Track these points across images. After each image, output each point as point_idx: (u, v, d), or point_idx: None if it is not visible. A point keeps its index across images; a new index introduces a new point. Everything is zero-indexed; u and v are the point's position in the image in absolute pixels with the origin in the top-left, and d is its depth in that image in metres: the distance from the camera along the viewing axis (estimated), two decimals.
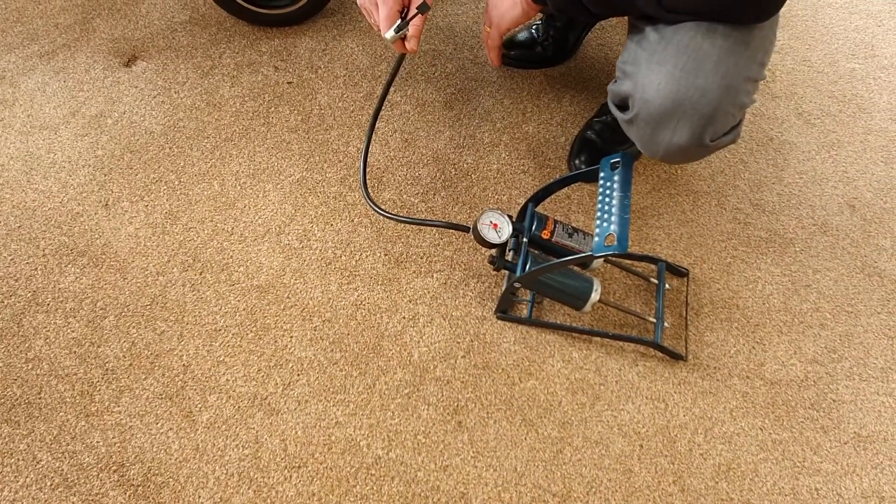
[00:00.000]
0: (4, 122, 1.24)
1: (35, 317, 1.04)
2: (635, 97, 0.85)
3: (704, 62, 0.78)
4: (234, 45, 1.37)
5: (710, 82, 0.78)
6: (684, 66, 0.78)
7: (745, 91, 0.83)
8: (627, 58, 0.87)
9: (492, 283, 1.10)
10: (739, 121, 0.90)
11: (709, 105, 0.79)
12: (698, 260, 1.14)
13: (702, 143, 0.84)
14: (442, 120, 1.29)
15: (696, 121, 0.80)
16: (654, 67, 0.81)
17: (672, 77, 0.79)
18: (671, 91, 0.79)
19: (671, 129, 0.82)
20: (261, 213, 1.16)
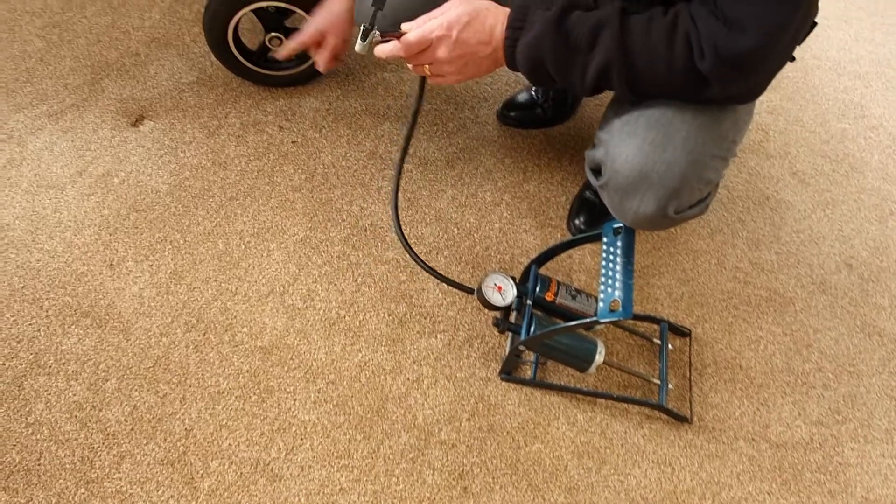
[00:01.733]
0: (11, 182, 1.25)
1: (36, 379, 1.03)
2: (606, 165, 0.87)
3: (673, 137, 0.80)
4: (240, 105, 1.40)
5: (677, 157, 0.80)
6: (653, 139, 0.80)
7: (713, 168, 0.85)
8: (604, 125, 0.90)
9: (495, 344, 1.11)
10: (708, 194, 0.92)
11: (674, 179, 0.81)
12: (700, 319, 1.15)
13: (666, 215, 0.85)
14: (444, 179, 1.31)
15: (661, 193, 0.82)
16: (625, 138, 0.83)
17: (640, 150, 0.81)
18: (639, 163, 0.81)
19: (638, 199, 0.84)
20: (265, 272, 1.17)
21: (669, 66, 0.72)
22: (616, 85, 0.75)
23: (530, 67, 0.78)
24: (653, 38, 0.71)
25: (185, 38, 1.51)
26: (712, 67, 0.69)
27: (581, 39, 0.74)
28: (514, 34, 0.77)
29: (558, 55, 0.75)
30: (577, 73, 0.76)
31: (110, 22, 1.52)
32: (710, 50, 0.68)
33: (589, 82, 0.76)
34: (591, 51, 0.73)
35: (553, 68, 0.76)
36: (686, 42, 0.70)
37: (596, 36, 0.73)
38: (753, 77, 0.73)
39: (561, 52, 0.74)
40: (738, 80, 0.72)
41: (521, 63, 0.78)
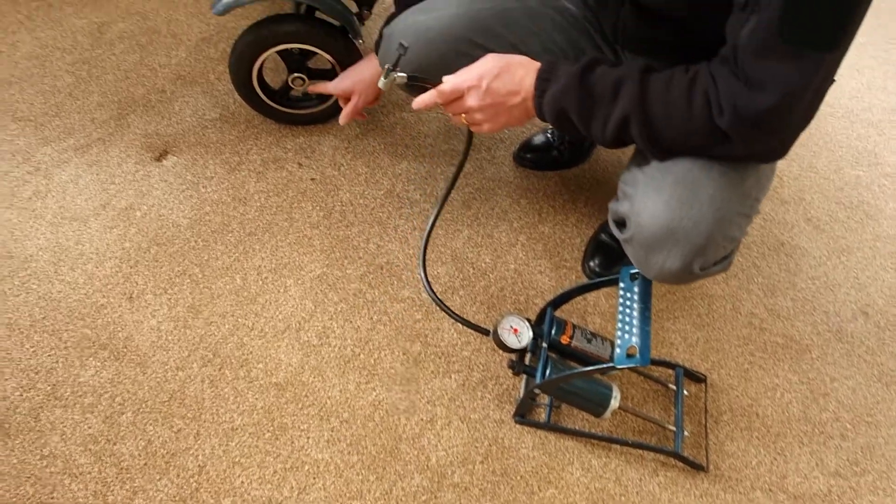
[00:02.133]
0: (36, 213, 1.27)
1: (53, 412, 1.04)
2: (632, 220, 0.88)
3: (699, 194, 0.80)
4: (262, 142, 1.42)
5: (703, 215, 0.81)
6: (680, 196, 0.81)
7: (738, 225, 0.86)
8: (628, 178, 0.91)
9: (510, 385, 1.11)
10: (731, 251, 0.92)
11: (700, 236, 0.82)
12: (716, 365, 1.15)
13: (691, 271, 0.86)
14: (460, 219, 1.32)
15: (687, 250, 0.83)
16: (651, 194, 0.84)
17: (667, 206, 0.82)
18: (665, 219, 0.82)
19: (664, 255, 0.85)
20: (281, 308, 1.18)
21: (687, 121, 0.73)
22: (636, 137, 0.77)
23: (556, 117, 0.81)
24: (672, 94, 0.73)
25: (209, 77, 1.55)
26: (731, 125, 0.71)
27: (604, 92, 0.77)
28: (542, 85, 0.81)
29: (582, 106, 0.78)
30: (599, 124, 0.79)
31: (138, 59, 1.57)
32: (728, 108, 0.70)
33: (609, 133, 0.78)
34: (612, 103, 0.76)
35: (577, 118, 0.80)
36: (705, 99, 0.72)
37: (618, 89, 0.76)
38: (775, 136, 0.74)
39: (584, 103, 0.78)
40: (760, 138, 0.73)
41: (547, 113, 0.82)
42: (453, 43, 0.98)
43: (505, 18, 0.99)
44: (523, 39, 1.00)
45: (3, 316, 1.14)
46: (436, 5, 1.01)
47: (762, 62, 0.68)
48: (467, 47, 0.98)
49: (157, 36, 1.63)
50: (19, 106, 1.46)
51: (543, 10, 1.01)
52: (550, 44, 1.02)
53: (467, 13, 0.99)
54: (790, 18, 0.65)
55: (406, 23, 1.01)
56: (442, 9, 1.00)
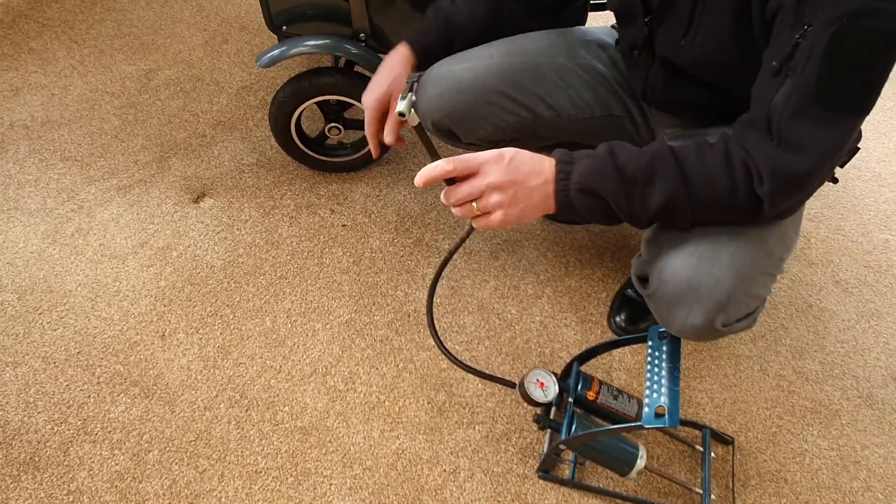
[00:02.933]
0: (77, 250, 1.32)
1: (82, 446, 1.05)
2: (654, 276, 0.88)
3: (721, 253, 0.81)
4: (295, 188, 1.47)
5: (725, 272, 0.81)
6: (701, 254, 0.82)
7: (761, 284, 0.86)
8: (652, 236, 0.92)
9: (533, 439, 1.10)
10: (755, 308, 0.92)
11: (722, 293, 0.82)
12: (743, 427, 1.13)
13: (713, 328, 0.86)
14: (488, 269, 1.34)
15: (709, 307, 0.83)
16: (673, 251, 0.85)
17: (689, 263, 0.83)
18: (687, 276, 0.83)
19: (685, 311, 0.85)
20: (309, 352, 1.19)
21: (731, 194, 0.73)
22: (679, 216, 0.77)
23: (586, 199, 0.76)
24: (709, 168, 0.74)
25: (248, 123, 1.60)
26: (770, 190, 0.71)
27: (637, 173, 0.74)
28: (565, 168, 0.76)
29: (616, 185, 0.74)
30: (637, 204, 0.76)
31: (182, 105, 1.64)
32: (767, 173, 0.71)
33: (650, 214, 0.76)
34: (649, 184, 0.74)
35: (612, 199, 0.75)
36: (745, 169, 0.72)
37: (653, 170, 0.74)
38: (804, 196, 0.76)
39: (618, 182, 0.74)
40: (791, 199, 0.75)
41: (575, 195, 0.76)
42: (483, 92, 1.01)
43: (534, 73, 1.03)
44: (551, 93, 1.04)
45: (40, 349, 1.17)
46: (468, 56, 1.05)
47: (798, 126, 0.69)
48: (496, 97, 1.02)
49: (201, 83, 1.70)
50: (68, 146, 1.52)
51: (572, 67, 1.05)
52: (578, 99, 1.05)
53: (498, 65, 1.02)
54: (825, 86, 0.67)
55: (440, 70, 1.05)
56: (474, 60, 1.04)
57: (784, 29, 0.70)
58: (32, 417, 1.09)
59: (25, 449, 1.05)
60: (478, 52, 1.05)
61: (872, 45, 0.65)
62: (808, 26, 0.66)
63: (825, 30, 0.65)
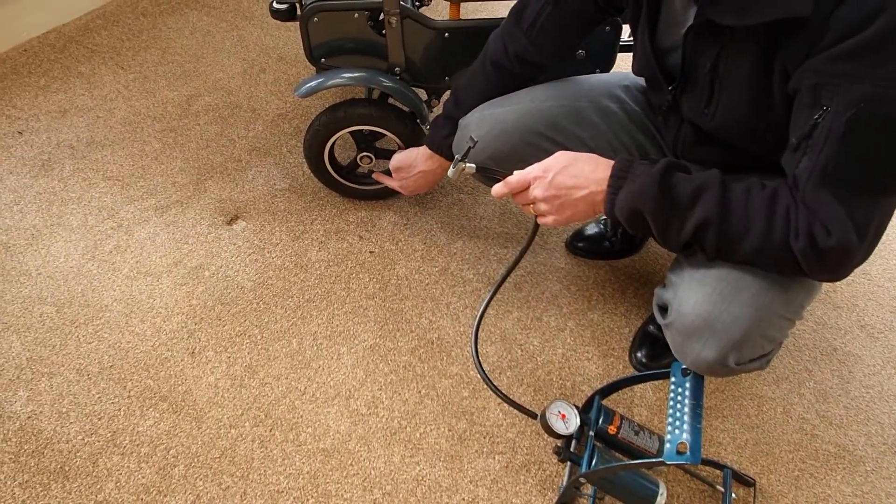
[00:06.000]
0: (115, 266, 1.36)
1: (111, 458, 1.08)
2: (673, 307, 0.90)
3: (742, 292, 0.83)
4: (325, 214, 1.51)
5: (743, 311, 0.83)
6: (722, 291, 0.84)
7: (778, 327, 0.87)
8: (676, 268, 0.94)
9: (553, 472, 1.10)
10: (770, 351, 0.93)
11: (738, 331, 0.83)
12: (765, 469, 1.13)
13: (725, 364, 0.87)
14: (511, 300, 1.36)
15: (723, 342, 0.84)
16: (695, 285, 0.87)
17: (709, 298, 0.84)
18: (705, 310, 0.84)
19: (700, 344, 0.86)
20: (333, 375, 1.21)
21: (765, 237, 0.75)
22: (709, 244, 0.79)
23: (629, 216, 0.82)
24: (752, 206, 0.75)
25: (282, 149, 1.66)
26: (803, 249, 0.72)
27: (682, 197, 0.78)
28: (616, 183, 0.82)
29: (658, 208, 0.79)
30: (675, 228, 0.79)
31: (219, 130, 1.70)
32: (804, 234, 0.72)
33: (684, 237, 0.79)
34: (691, 208, 0.77)
35: (652, 220, 0.80)
36: (786, 218, 0.73)
37: (697, 196, 0.77)
38: (836, 272, 0.76)
39: (661, 206, 0.78)
40: (823, 271, 0.75)
41: (620, 211, 0.82)
42: (524, 134, 1.05)
43: (576, 116, 1.06)
44: (591, 136, 1.07)
45: (75, 361, 1.21)
46: (510, 100, 1.08)
47: (819, 202, 0.71)
48: (537, 139, 1.05)
49: (238, 110, 1.76)
50: (110, 166, 1.58)
51: (613, 110, 1.08)
52: (616, 142, 1.08)
53: (539, 109, 1.06)
54: (843, 167, 0.69)
55: (482, 114, 1.09)
56: (515, 103, 1.07)
57: (803, 108, 0.72)
58: (65, 427, 1.12)
59: (56, 458, 1.08)
60: (519, 95, 1.09)
61: (889, 131, 0.66)
62: (826, 108, 0.68)
63: (842, 114, 0.67)
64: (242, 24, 2.06)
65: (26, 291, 1.32)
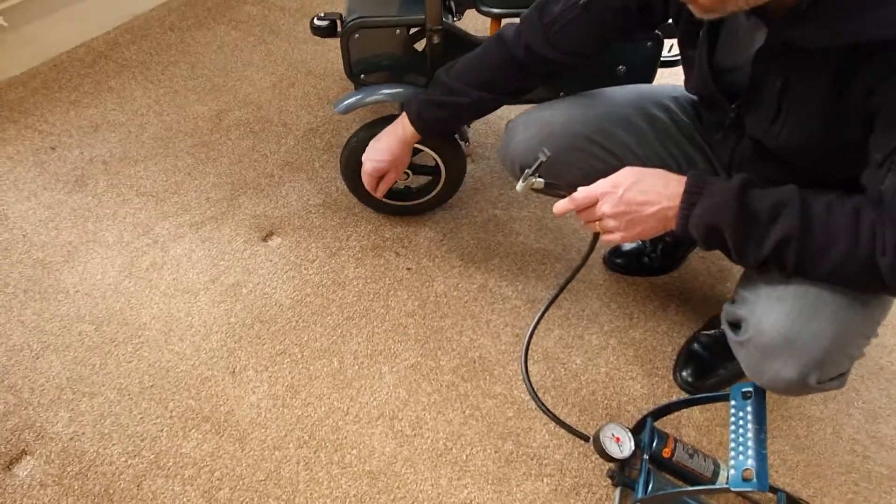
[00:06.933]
0: (152, 284, 1.35)
1: (155, 481, 1.07)
2: (750, 323, 0.88)
3: (822, 310, 0.81)
4: (361, 230, 1.50)
5: (824, 329, 0.81)
6: (802, 308, 0.82)
7: (857, 345, 0.86)
8: (748, 284, 0.92)
9: (603, 496, 1.08)
10: (848, 369, 0.91)
11: (819, 350, 0.82)
12: (818, 492, 1.10)
13: (806, 383, 0.85)
14: (551, 318, 1.34)
15: (805, 361, 0.83)
16: (772, 302, 0.85)
17: (788, 316, 0.83)
18: (785, 328, 0.83)
19: (780, 363, 0.84)
20: (376, 395, 1.20)
21: (849, 253, 0.73)
22: (789, 260, 0.77)
23: (705, 233, 0.80)
24: (835, 221, 0.74)
25: (314, 164, 1.65)
26: (891, 264, 0.72)
27: (762, 212, 0.76)
28: (690, 199, 0.80)
29: (737, 224, 0.77)
30: (754, 244, 0.78)
31: (251, 145, 1.69)
32: (892, 249, 0.71)
33: (763, 253, 0.77)
34: (771, 224, 0.76)
35: (730, 236, 0.78)
36: (871, 233, 0.72)
37: (778, 211, 0.75)
38: None
39: (740, 221, 0.77)
40: None
41: (695, 227, 0.80)
42: (571, 139, 1.04)
43: (625, 123, 1.05)
44: (639, 143, 1.06)
45: (116, 380, 1.20)
46: (559, 104, 1.08)
47: None
48: (585, 143, 1.04)
49: (269, 125, 1.76)
50: (143, 182, 1.58)
51: (662, 119, 1.07)
52: (664, 152, 1.07)
53: (587, 114, 1.05)
54: None
55: (530, 116, 1.08)
56: (564, 107, 1.07)
57: (887, 124, 0.71)
58: (107, 449, 1.11)
59: (100, 481, 1.07)
60: (568, 99, 1.08)
61: None
62: None
63: None
64: (270, 38, 2.06)
65: (64, 310, 1.31)
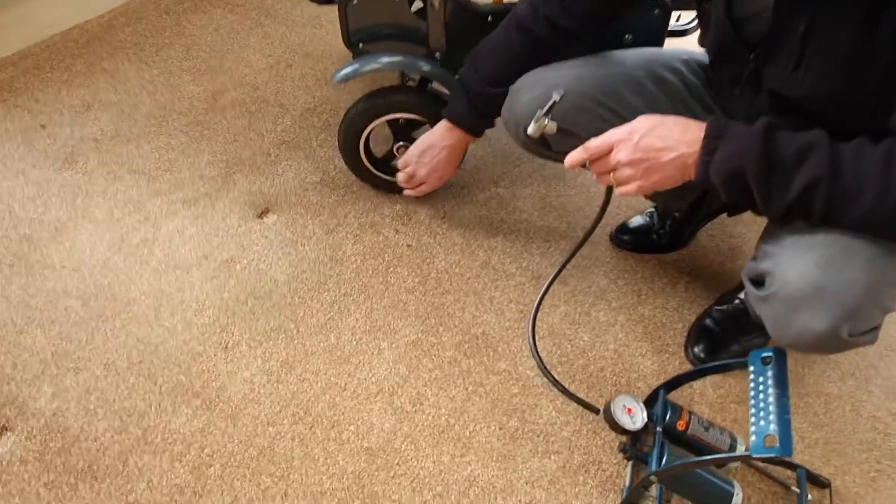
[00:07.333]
0: (143, 259, 1.31)
1: (142, 457, 1.01)
2: (775, 275, 0.83)
3: (854, 258, 0.76)
4: (359, 207, 1.45)
5: (857, 277, 0.76)
6: (832, 256, 0.77)
7: (891, 296, 0.81)
8: (771, 239, 0.87)
9: (613, 472, 1.03)
10: (880, 324, 0.86)
11: (853, 299, 0.77)
12: (839, 470, 1.05)
13: (838, 336, 0.79)
14: (557, 294, 1.29)
15: (836, 311, 0.77)
16: (799, 251, 0.80)
17: (818, 265, 0.78)
18: (815, 277, 0.78)
19: (809, 315, 0.79)
20: (375, 371, 1.15)
21: (882, 195, 0.69)
22: (817, 205, 0.73)
23: (727, 178, 0.77)
24: (866, 164, 0.70)
25: (312, 143, 1.60)
26: None
27: (788, 155, 0.73)
28: (711, 143, 0.77)
29: (762, 168, 0.74)
30: (780, 189, 0.74)
31: (247, 124, 1.65)
32: None
33: (789, 199, 0.74)
34: (798, 167, 0.72)
35: (754, 181, 0.75)
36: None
37: (805, 154, 0.72)
38: None
39: (765, 165, 0.73)
40: None
41: (716, 173, 0.77)
42: (579, 99, 0.99)
43: (632, 84, 1.01)
44: (649, 105, 1.01)
45: (103, 356, 1.14)
46: (564, 65, 1.03)
47: None
48: (592, 104, 0.99)
49: (266, 105, 1.71)
50: (136, 160, 1.53)
51: (672, 81, 1.02)
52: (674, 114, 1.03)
53: (594, 74, 1.01)
54: None
55: (534, 77, 1.04)
56: (570, 68, 1.02)
57: None
58: (92, 425, 1.05)
59: (84, 457, 1.01)
60: (574, 61, 1.03)
61: None
62: None
63: None
64: (267, 21, 2.03)
65: (50, 285, 1.26)
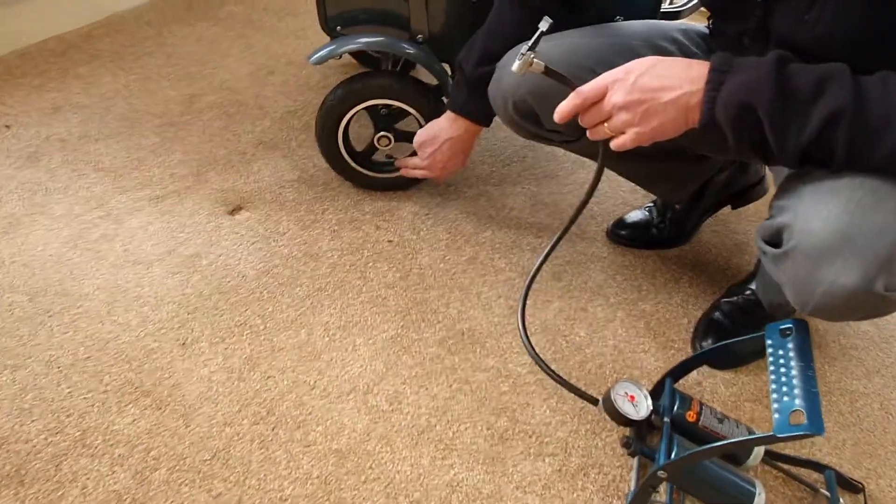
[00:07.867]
0: (100, 255, 1.20)
1: (78, 461, 0.89)
2: (795, 228, 0.72)
3: (885, 201, 0.66)
4: (338, 204, 1.36)
5: (889, 222, 0.66)
6: (860, 200, 0.67)
7: None
8: (787, 194, 0.76)
9: (616, 476, 0.91)
10: None
11: (886, 247, 0.66)
12: (872, 473, 0.93)
13: (872, 290, 0.67)
14: (550, 290, 1.19)
15: (869, 261, 0.66)
16: (822, 197, 0.70)
17: (845, 209, 0.67)
18: (842, 223, 0.67)
19: (837, 266, 0.67)
20: (348, 368, 1.03)
21: None
22: (840, 142, 0.64)
23: (736, 115, 0.68)
24: (892, 96, 0.62)
25: (291, 144, 1.52)
26: None
27: (805, 86, 0.64)
28: (718, 77, 0.68)
29: (775, 101, 0.65)
30: (796, 124, 0.65)
31: (224, 125, 1.57)
32: None
33: (808, 135, 0.65)
34: (817, 99, 0.63)
35: (767, 116, 0.66)
36: None
37: (824, 84, 0.64)
38: None
39: (779, 97, 0.65)
40: None
41: (723, 111, 0.68)
42: (573, 69, 0.90)
43: (629, 54, 0.92)
44: None
45: (45, 352, 1.03)
46: (556, 37, 0.95)
47: None
48: (587, 75, 0.91)
49: (245, 108, 1.64)
50: (102, 158, 1.45)
51: (671, 50, 0.95)
52: None
53: (589, 44, 0.93)
54: None
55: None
56: (563, 38, 0.94)
57: None
58: (25, 426, 0.93)
59: (12, 460, 0.89)
60: (567, 32, 0.96)
61: None
62: None
63: None
64: (251, 33, 1.98)
65: None
